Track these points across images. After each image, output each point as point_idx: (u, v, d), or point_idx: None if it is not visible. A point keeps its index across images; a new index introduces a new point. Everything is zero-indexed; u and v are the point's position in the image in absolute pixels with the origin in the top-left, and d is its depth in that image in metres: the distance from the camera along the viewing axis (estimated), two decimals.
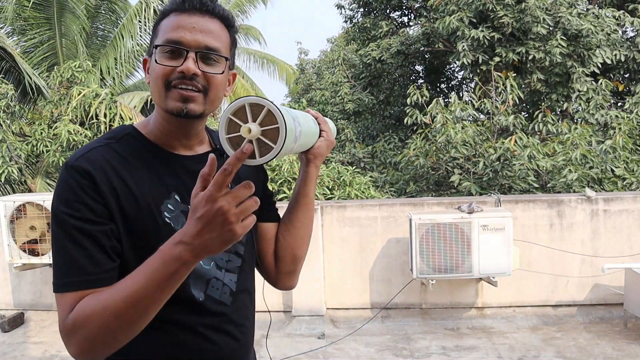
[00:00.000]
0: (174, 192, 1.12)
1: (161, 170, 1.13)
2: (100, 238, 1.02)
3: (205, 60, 1.09)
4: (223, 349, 1.18)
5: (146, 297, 0.93)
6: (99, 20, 10.55)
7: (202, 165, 1.08)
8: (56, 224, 1.03)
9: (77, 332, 0.96)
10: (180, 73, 1.06)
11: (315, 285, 4.73)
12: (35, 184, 7.84)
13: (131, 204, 1.06)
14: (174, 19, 1.09)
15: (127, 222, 1.05)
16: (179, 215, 1.11)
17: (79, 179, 1.02)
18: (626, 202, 4.71)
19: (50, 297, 5.09)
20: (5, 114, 7.37)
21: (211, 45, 1.08)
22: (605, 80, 7.79)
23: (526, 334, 4.35)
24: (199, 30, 1.08)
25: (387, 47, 10.62)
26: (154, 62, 1.09)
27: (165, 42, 1.07)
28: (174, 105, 1.08)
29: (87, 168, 1.03)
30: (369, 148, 9.70)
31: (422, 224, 4.27)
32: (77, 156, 1.06)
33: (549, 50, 8.17)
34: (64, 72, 7.76)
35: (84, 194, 1.01)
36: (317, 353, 4.12)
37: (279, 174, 6.35)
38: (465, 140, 6.38)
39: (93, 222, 1.01)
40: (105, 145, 1.10)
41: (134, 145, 1.13)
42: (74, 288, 0.99)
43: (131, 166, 1.09)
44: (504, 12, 8.38)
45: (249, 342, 1.28)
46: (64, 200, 1.02)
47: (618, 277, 4.53)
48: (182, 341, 1.13)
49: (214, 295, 1.17)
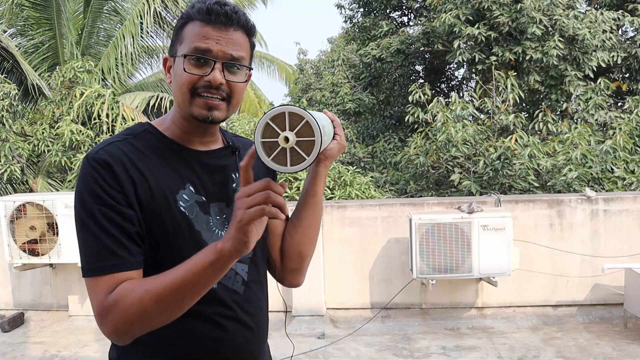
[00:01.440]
0: (189, 183, 1.17)
1: (177, 163, 1.18)
2: (124, 224, 1.07)
3: (230, 69, 1.14)
4: (237, 337, 1.21)
5: (185, 285, 0.99)
6: (101, 19, 10.54)
7: (216, 160, 1.23)
8: (84, 212, 1.08)
9: (116, 312, 1.02)
10: (207, 82, 1.12)
11: (315, 285, 4.74)
12: (36, 184, 7.85)
13: (147, 194, 1.11)
14: (200, 29, 1.13)
15: (144, 211, 1.10)
16: (193, 205, 1.16)
17: (99, 169, 1.08)
18: (626, 202, 4.71)
19: (50, 297, 5.09)
20: (8, 114, 7.38)
21: (236, 55, 1.14)
22: (604, 81, 7.78)
23: (526, 334, 4.35)
24: (224, 41, 1.13)
25: (387, 46, 10.62)
26: (182, 70, 1.13)
27: (193, 51, 1.12)
28: (200, 113, 1.14)
29: (107, 159, 1.09)
30: (369, 148, 9.70)
31: (422, 224, 4.27)
32: (97, 149, 1.12)
33: (546, 51, 8.17)
34: (66, 72, 7.76)
35: (104, 183, 1.07)
36: (317, 353, 4.12)
37: (279, 173, 6.34)
38: (466, 139, 6.38)
39: (116, 209, 1.07)
40: (123, 140, 1.16)
41: (151, 140, 1.19)
42: (106, 271, 1.05)
43: (148, 159, 1.14)
44: (500, 11, 8.38)
45: (263, 333, 1.30)
46: (89, 190, 1.08)
47: (618, 277, 4.53)
48: (196, 329, 1.16)
49: (226, 283, 1.20)
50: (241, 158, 1.22)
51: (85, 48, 10.31)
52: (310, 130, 0.97)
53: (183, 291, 1.00)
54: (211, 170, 1.22)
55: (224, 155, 1.26)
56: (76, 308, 4.97)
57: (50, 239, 4.52)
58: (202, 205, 1.18)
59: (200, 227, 1.16)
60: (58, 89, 7.93)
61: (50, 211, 4.48)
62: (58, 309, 5.08)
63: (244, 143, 1.37)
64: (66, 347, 4.38)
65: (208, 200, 1.19)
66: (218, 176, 1.23)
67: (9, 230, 4.54)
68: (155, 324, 1.04)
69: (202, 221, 1.17)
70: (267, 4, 14.77)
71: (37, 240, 4.54)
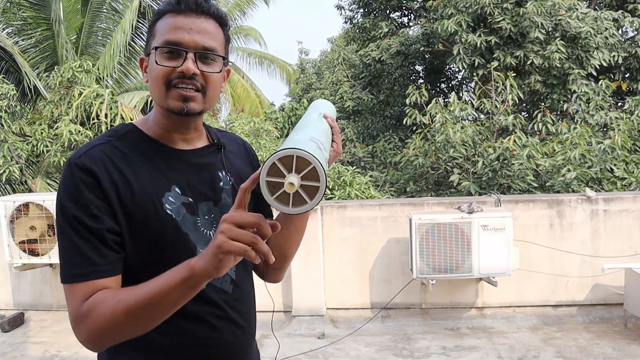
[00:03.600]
0: (174, 184, 1.16)
1: (161, 164, 1.17)
2: (103, 232, 1.07)
3: (203, 60, 1.13)
4: (228, 336, 1.21)
5: (155, 300, 0.98)
6: (100, 19, 10.53)
7: (201, 158, 1.21)
8: (63, 218, 1.07)
9: (87, 321, 1.02)
10: (180, 73, 1.11)
11: (315, 285, 4.74)
12: (35, 184, 7.84)
13: (132, 197, 1.10)
14: (171, 20, 1.13)
15: (129, 214, 1.09)
16: (179, 207, 1.15)
17: (82, 175, 1.07)
18: (626, 202, 4.71)
19: (50, 297, 5.09)
20: (7, 114, 7.37)
21: (208, 45, 1.13)
22: (605, 81, 7.78)
23: (526, 334, 4.36)
24: (196, 31, 1.12)
25: (386, 48, 10.62)
26: (154, 62, 1.13)
27: (164, 43, 1.12)
28: (175, 105, 1.12)
29: (89, 165, 1.08)
30: (369, 148, 9.70)
31: (422, 224, 4.27)
32: (79, 154, 1.11)
33: (547, 55, 8.17)
34: (64, 72, 7.75)
35: (87, 191, 1.06)
36: (317, 353, 4.12)
37: None
38: (465, 139, 6.38)
39: (96, 217, 1.06)
40: (106, 142, 1.14)
41: (135, 141, 1.17)
42: (83, 278, 1.05)
43: (132, 161, 1.13)
44: (503, 16, 8.38)
45: (253, 330, 1.30)
46: (69, 196, 1.07)
47: (618, 277, 4.53)
48: (187, 329, 1.16)
49: (215, 283, 1.19)
50: (227, 156, 1.28)
51: (84, 48, 10.30)
52: (315, 175, 0.97)
53: (153, 306, 0.99)
54: (197, 169, 1.21)
55: (209, 153, 1.25)
56: None
57: (50, 239, 4.52)
58: (188, 206, 1.16)
59: (187, 229, 1.15)
60: (57, 89, 7.92)
61: (50, 211, 4.48)
62: (58, 309, 5.07)
63: (229, 138, 1.35)
64: (66, 347, 4.38)
65: (195, 201, 1.18)
66: (204, 175, 1.21)
67: (9, 230, 4.54)
68: (127, 335, 1.04)
69: (190, 222, 1.16)
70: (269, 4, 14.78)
71: (37, 240, 4.54)
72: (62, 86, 7.83)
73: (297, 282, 4.69)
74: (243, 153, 1.37)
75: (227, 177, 1.25)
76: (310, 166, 0.96)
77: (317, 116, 1.30)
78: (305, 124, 1.22)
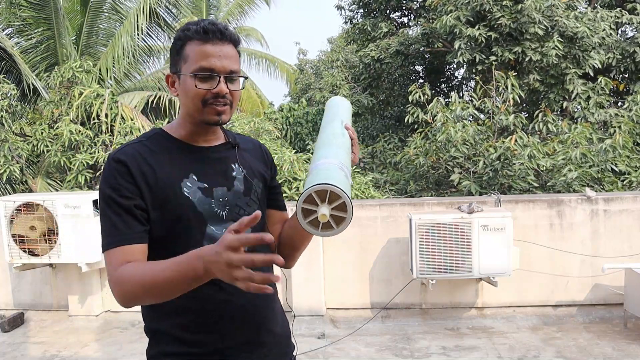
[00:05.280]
0: (192, 172, 1.41)
1: (182, 157, 1.43)
2: (132, 209, 1.33)
3: (230, 81, 1.40)
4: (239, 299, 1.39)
5: (166, 280, 1.20)
6: (100, 19, 10.53)
7: (217, 153, 1.48)
8: (102, 200, 1.35)
9: (118, 288, 1.28)
10: (215, 94, 1.38)
11: (315, 285, 4.74)
12: (36, 184, 7.84)
13: (156, 183, 1.36)
14: (201, 48, 1.37)
15: (154, 197, 1.36)
16: (195, 190, 1.40)
17: (117, 166, 1.36)
18: (626, 202, 4.71)
19: (50, 297, 5.10)
20: (7, 114, 7.37)
21: (234, 69, 1.40)
22: (605, 79, 7.77)
23: (526, 334, 4.35)
24: (223, 57, 1.38)
25: (385, 47, 10.61)
26: (194, 86, 1.37)
27: (200, 70, 1.37)
28: (211, 118, 1.40)
29: (123, 159, 1.36)
30: (369, 148, 9.69)
31: (422, 224, 4.27)
32: (116, 151, 1.39)
33: (545, 52, 8.17)
34: (64, 72, 7.75)
35: (120, 177, 1.34)
36: (317, 353, 4.12)
37: (280, 173, 6.35)
38: (466, 139, 6.37)
39: (127, 198, 1.33)
40: (138, 142, 1.43)
41: (161, 141, 1.45)
42: (114, 245, 1.32)
43: (158, 156, 1.40)
44: (501, 12, 8.37)
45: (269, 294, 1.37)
46: (107, 183, 1.36)
47: (618, 277, 4.53)
48: (202, 293, 1.32)
49: None
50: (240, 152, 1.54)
51: (85, 48, 10.30)
52: (344, 208, 1.18)
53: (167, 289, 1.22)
54: (213, 161, 1.46)
55: (224, 150, 1.50)
56: (76, 308, 4.97)
57: (50, 239, 4.52)
58: (204, 191, 1.41)
59: (202, 209, 1.39)
60: (57, 89, 7.91)
61: (50, 211, 4.48)
62: (58, 309, 5.08)
63: (245, 140, 1.61)
64: (66, 347, 4.38)
65: (210, 186, 1.42)
66: (219, 166, 1.47)
67: (9, 230, 4.54)
68: (149, 302, 1.33)
69: (205, 203, 1.40)
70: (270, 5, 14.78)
71: (37, 240, 4.54)
72: (62, 86, 7.83)
73: (297, 282, 4.69)
74: (258, 152, 1.62)
75: (240, 168, 1.50)
76: (341, 200, 1.16)
77: (340, 128, 1.49)
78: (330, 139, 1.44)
